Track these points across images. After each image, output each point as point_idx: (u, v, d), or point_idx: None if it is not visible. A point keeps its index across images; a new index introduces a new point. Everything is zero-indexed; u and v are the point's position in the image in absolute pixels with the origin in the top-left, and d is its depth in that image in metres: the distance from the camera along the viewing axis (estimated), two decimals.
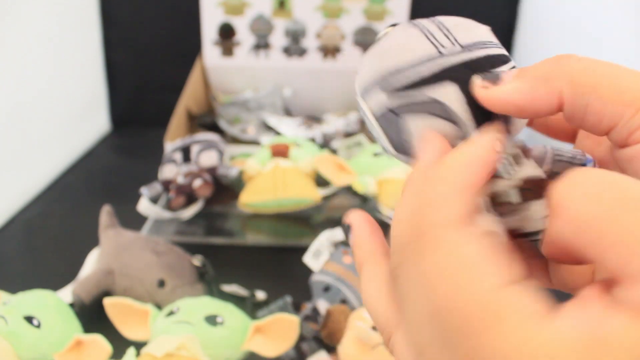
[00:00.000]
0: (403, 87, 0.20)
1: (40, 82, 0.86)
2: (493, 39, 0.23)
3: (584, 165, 0.22)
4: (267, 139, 0.86)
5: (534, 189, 0.20)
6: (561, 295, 0.17)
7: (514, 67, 0.21)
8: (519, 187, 0.20)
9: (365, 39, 0.96)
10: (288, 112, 0.99)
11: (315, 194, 0.69)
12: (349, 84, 1.09)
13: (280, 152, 0.73)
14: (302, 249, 0.59)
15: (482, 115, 0.20)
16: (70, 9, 0.94)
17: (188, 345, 0.42)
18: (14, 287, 0.52)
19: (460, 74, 0.20)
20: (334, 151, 0.83)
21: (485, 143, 0.19)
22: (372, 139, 0.88)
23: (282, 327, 0.47)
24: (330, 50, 0.97)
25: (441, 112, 0.20)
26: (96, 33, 1.03)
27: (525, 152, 0.21)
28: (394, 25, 0.23)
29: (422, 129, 0.20)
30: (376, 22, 0.95)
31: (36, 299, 0.48)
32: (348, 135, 0.88)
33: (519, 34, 1.04)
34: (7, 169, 0.77)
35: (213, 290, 0.57)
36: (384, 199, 0.68)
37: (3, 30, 0.76)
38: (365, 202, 0.74)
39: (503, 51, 0.22)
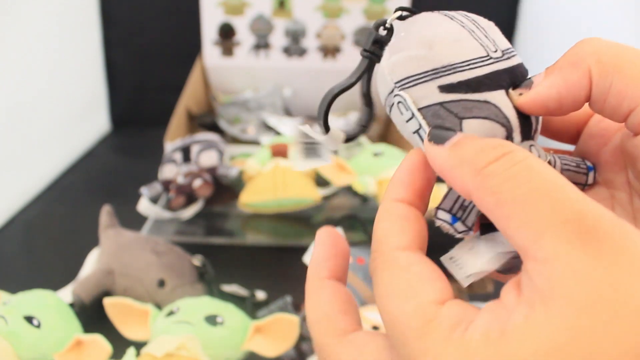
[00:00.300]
0: (458, 84, 0.20)
1: (40, 82, 0.86)
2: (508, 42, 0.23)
3: (587, 174, 0.23)
4: (267, 139, 0.86)
5: None
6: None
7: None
8: None
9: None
10: (288, 112, 0.99)
11: (315, 194, 0.69)
12: None
13: (280, 152, 0.73)
14: (302, 249, 0.59)
15: (523, 121, 0.21)
16: (70, 9, 0.94)
17: (188, 345, 0.42)
18: (14, 287, 0.52)
19: (505, 80, 0.21)
20: (334, 151, 0.83)
21: (406, 161, 0.21)
22: (372, 138, 0.88)
23: (282, 327, 0.47)
24: (330, 50, 0.97)
25: (493, 114, 0.20)
26: (96, 33, 1.03)
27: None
28: (408, 10, 0.23)
29: (477, 129, 0.20)
30: None
31: (36, 299, 0.48)
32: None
33: (519, 34, 1.04)
34: (7, 169, 0.77)
35: (213, 290, 0.57)
36: None
37: (3, 30, 0.76)
38: (365, 202, 0.74)
39: (518, 56, 0.23)
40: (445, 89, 0.20)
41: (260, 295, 0.58)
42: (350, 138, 0.24)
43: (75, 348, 0.45)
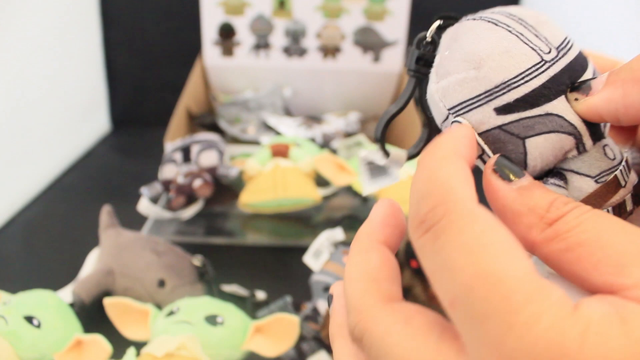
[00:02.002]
0: (515, 103, 0.19)
1: (40, 82, 0.86)
2: (563, 30, 0.21)
3: None
4: (267, 139, 0.86)
5: (638, 194, 0.20)
6: None
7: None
8: (632, 194, 0.20)
9: (365, 39, 0.96)
10: (288, 112, 0.99)
11: (315, 194, 0.69)
12: (349, 84, 1.09)
13: (280, 152, 0.73)
14: (302, 249, 0.59)
15: (590, 122, 0.19)
16: (70, 9, 0.94)
17: (188, 345, 0.42)
18: (14, 287, 0.52)
19: (564, 83, 0.19)
20: (334, 151, 0.83)
21: (460, 130, 0.19)
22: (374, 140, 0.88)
23: (282, 327, 0.47)
24: (330, 50, 0.97)
25: (559, 125, 0.19)
26: (96, 33, 1.03)
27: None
28: (447, 18, 0.22)
29: (542, 146, 0.19)
30: (376, 22, 0.95)
31: (36, 299, 0.48)
32: (348, 135, 0.88)
33: None
34: (7, 169, 0.77)
35: (213, 290, 0.57)
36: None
37: (3, 30, 0.76)
38: (365, 202, 0.74)
39: (576, 43, 0.21)
40: (502, 110, 0.19)
41: (260, 295, 0.58)
42: (411, 157, 0.23)
43: (75, 348, 0.45)
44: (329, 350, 0.49)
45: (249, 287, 0.58)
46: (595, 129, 0.19)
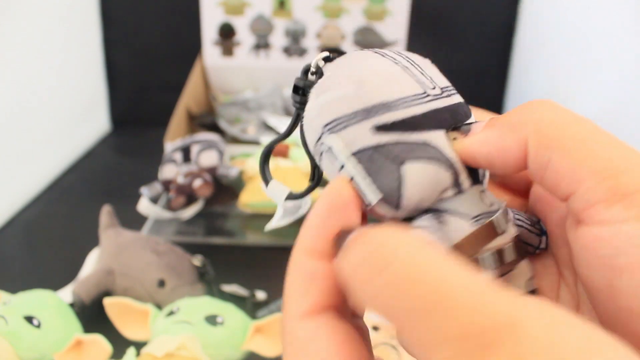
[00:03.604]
0: (393, 125, 0.18)
1: (40, 82, 0.86)
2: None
3: (540, 236, 0.20)
4: (267, 139, 0.86)
5: (518, 249, 0.19)
6: None
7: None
8: (512, 244, 0.19)
9: (365, 39, 0.96)
10: (288, 112, 0.99)
11: (315, 194, 0.69)
12: None
13: (280, 152, 0.73)
14: None
15: (470, 167, 0.19)
16: (70, 9, 0.94)
17: (188, 345, 0.42)
18: (14, 287, 0.52)
19: (445, 120, 0.19)
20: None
21: (323, 199, 0.18)
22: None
23: None
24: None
25: (436, 156, 0.18)
26: (96, 33, 1.03)
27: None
28: (330, 51, 0.21)
29: (418, 175, 0.18)
30: (376, 22, 0.95)
31: (36, 299, 0.48)
32: None
33: (519, 34, 1.04)
34: (7, 169, 0.77)
35: (213, 290, 0.57)
36: None
37: (3, 30, 0.76)
38: None
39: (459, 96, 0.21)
40: (380, 129, 0.18)
41: (260, 295, 0.58)
42: (293, 197, 0.23)
43: (75, 348, 0.45)
44: None
45: (249, 287, 0.58)
46: (473, 173, 0.19)
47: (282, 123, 0.91)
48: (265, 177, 0.22)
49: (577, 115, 0.17)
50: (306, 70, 0.21)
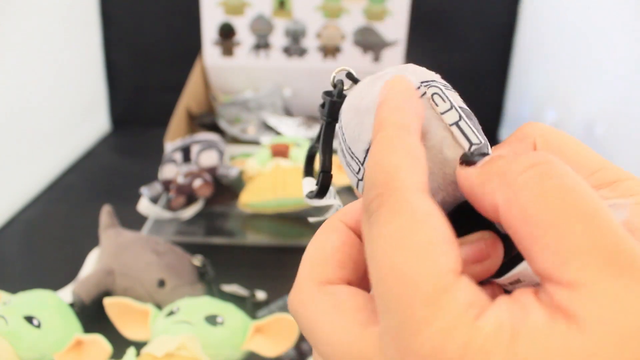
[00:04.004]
0: (465, 108, 0.20)
1: (40, 82, 0.86)
2: None
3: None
4: (267, 139, 0.86)
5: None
6: None
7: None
8: None
9: (365, 39, 0.96)
10: (288, 112, 0.99)
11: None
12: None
13: (280, 152, 0.73)
14: (302, 249, 0.59)
15: None
16: (70, 9, 0.94)
17: (188, 345, 0.42)
18: (14, 287, 0.52)
19: None
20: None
21: (398, 87, 0.19)
22: None
23: (282, 327, 0.47)
24: (330, 50, 0.97)
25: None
26: (96, 33, 1.03)
27: None
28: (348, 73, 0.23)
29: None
30: (376, 22, 0.95)
31: (36, 299, 0.48)
32: None
33: (519, 34, 1.04)
34: (7, 169, 0.77)
35: (213, 290, 0.57)
36: None
37: (3, 30, 0.76)
38: None
39: None
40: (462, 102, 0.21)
41: (260, 295, 0.58)
42: (310, 198, 0.25)
43: (75, 348, 0.45)
44: None
45: (249, 287, 0.58)
46: None
47: (282, 123, 0.91)
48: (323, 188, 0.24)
49: (559, 131, 0.21)
50: (329, 92, 0.23)
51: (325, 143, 0.23)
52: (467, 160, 0.18)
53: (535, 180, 0.15)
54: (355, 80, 0.23)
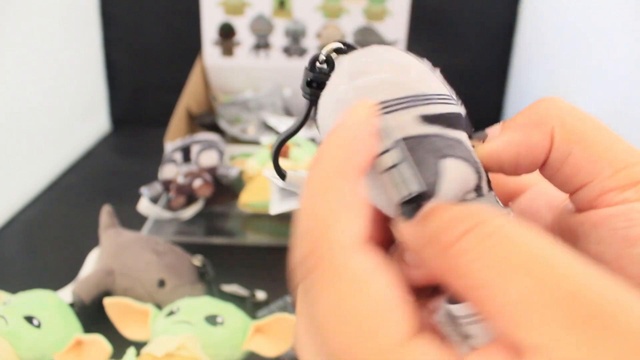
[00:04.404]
0: (437, 117, 0.18)
1: (40, 82, 0.86)
2: None
3: None
4: (267, 139, 0.86)
5: None
6: None
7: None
8: None
9: (365, 39, 0.96)
10: (288, 112, 0.99)
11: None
12: None
13: (280, 152, 0.73)
14: None
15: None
16: (70, 9, 0.94)
17: (188, 345, 0.42)
18: (14, 287, 0.52)
19: (466, 125, 0.19)
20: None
21: (357, 119, 0.17)
22: None
23: (282, 327, 0.47)
24: None
25: (468, 155, 0.18)
26: (96, 33, 1.03)
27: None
28: (343, 44, 0.20)
29: (454, 172, 0.18)
30: (376, 22, 0.95)
31: (36, 299, 0.48)
32: None
33: (519, 34, 1.04)
34: (7, 169, 0.77)
35: (213, 290, 0.57)
36: None
37: (3, 30, 0.76)
38: None
39: None
40: (426, 119, 0.18)
41: (260, 295, 0.58)
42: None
43: (75, 348, 0.45)
44: None
45: (249, 287, 0.58)
46: (488, 179, 0.19)
47: (282, 123, 0.91)
48: (281, 171, 0.22)
49: (584, 111, 0.18)
50: (313, 62, 0.20)
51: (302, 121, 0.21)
52: (405, 213, 0.17)
53: (473, 245, 0.14)
54: (350, 47, 0.21)
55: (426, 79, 0.18)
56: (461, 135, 0.18)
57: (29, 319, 0.46)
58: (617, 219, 0.17)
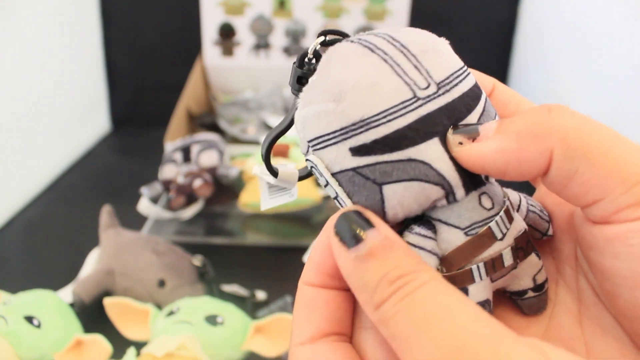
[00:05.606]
0: (372, 144, 0.17)
1: (40, 82, 0.86)
2: (458, 60, 0.19)
3: (549, 222, 0.20)
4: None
5: (523, 247, 0.19)
6: None
7: (485, 100, 0.19)
8: (512, 247, 0.18)
9: None
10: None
11: (315, 194, 0.69)
12: None
13: (280, 152, 0.73)
14: (302, 249, 0.59)
15: (466, 171, 0.18)
16: (70, 9, 0.94)
17: (188, 345, 0.42)
18: (14, 287, 0.52)
19: (440, 123, 0.17)
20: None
21: (321, 236, 0.18)
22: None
23: (282, 327, 0.47)
24: None
25: (422, 174, 0.17)
26: (96, 33, 1.03)
27: (511, 203, 0.19)
28: (333, 34, 0.20)
29: (400, 195, 0.17)
30: (376, 22, 0.95)
31: (36, 299, 0.48)
32: None
33: (519, 34, 1.04)
34: (7, 169, 0.77)
35: (213, 290, 0.57)
36: None
37: (3, 30, 0.76)
38: None
39: (471, 76, 0.19)
40: (357, 151, 0.17)
41: (260, 295, 0.58)
42: (302, 177, 0.22)
43: (75, 348, 0.45)
44: None
45: (249, 287, 0.58)
46: (472, 178, 0.18)
47: None
48: (272, 169, 0.22)
49: (594, 121, 0.17)
50: (303, 57, 0.20)
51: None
52: (340, 233, 0.17)
53: (395, 302, 0.15)
54: (343, 35, 0.20)
55: (369, 97, 0.17)
56: (417, 149, 0.17)
57: (29, 319, 0.46)
58: (634, 234, 0.16)
